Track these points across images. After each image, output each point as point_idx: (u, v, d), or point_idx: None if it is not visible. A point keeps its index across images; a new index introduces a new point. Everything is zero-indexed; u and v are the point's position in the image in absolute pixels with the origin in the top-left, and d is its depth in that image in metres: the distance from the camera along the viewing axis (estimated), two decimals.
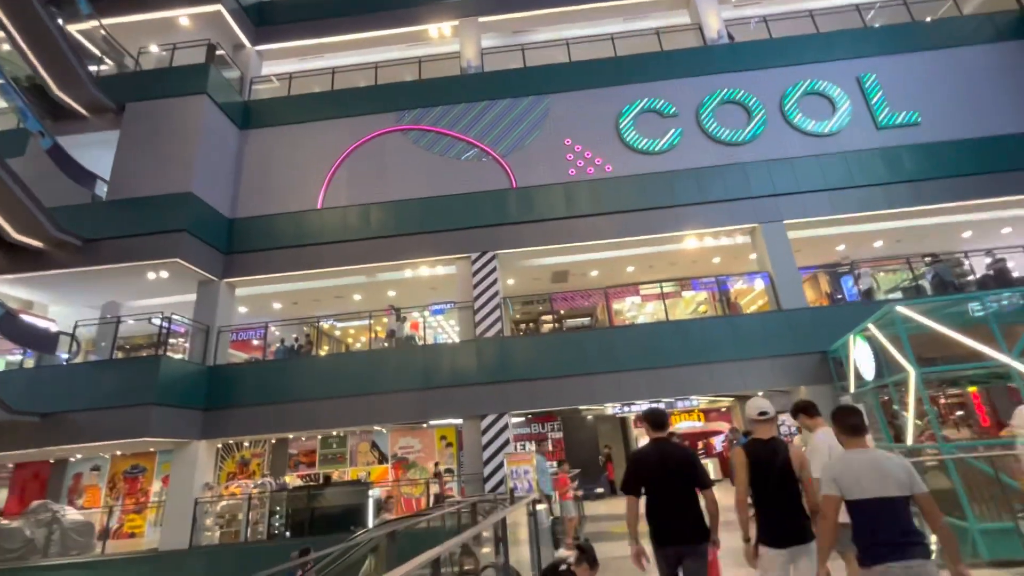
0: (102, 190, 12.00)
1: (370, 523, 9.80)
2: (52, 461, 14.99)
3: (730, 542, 4.23)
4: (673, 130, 12.38)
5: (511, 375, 10.61)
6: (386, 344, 12.07)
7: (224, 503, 10.51)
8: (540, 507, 4.93)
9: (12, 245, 10.69)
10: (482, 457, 10.13)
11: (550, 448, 14.05)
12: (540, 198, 12.09)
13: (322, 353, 12.87)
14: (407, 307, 12.54)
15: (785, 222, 11.45)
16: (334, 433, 14.13)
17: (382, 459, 14.06)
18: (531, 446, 14.28)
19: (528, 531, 4.32)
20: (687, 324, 11.45)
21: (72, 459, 14.75)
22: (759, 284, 12.23)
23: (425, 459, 13.72)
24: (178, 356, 11.38)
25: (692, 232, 11.77)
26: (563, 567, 3.51)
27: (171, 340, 12.08)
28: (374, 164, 12.89)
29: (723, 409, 17.52)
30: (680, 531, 3.40)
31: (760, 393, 10.96)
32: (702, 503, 3.52)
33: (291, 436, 14.03)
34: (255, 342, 14.58)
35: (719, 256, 13.00)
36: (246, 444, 14.53)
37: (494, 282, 11.53)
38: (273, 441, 14.27)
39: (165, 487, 12.41)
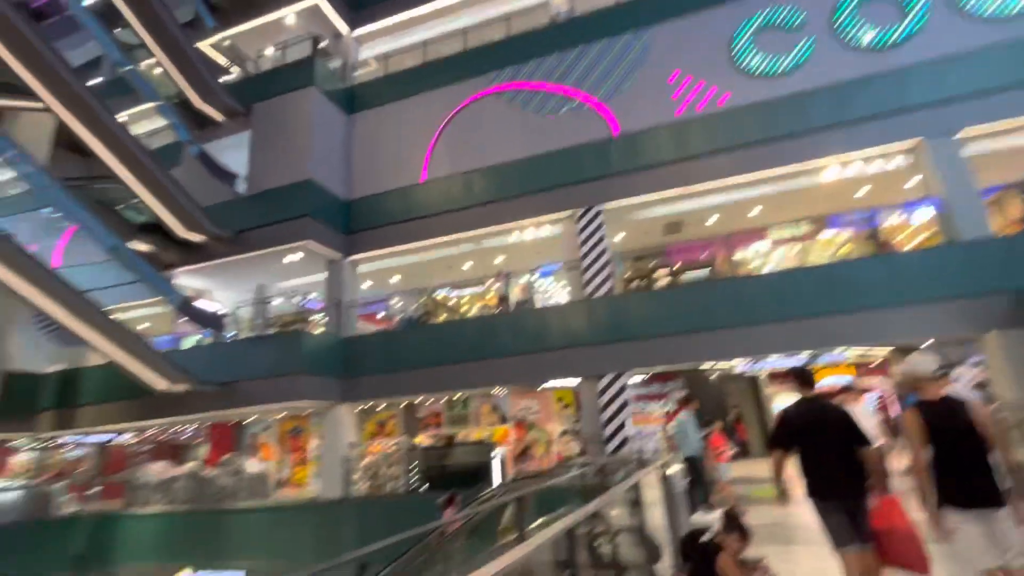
0: (243, 187, 13.51)
1: (495, 480, 10.20)
2: (233, 422, 17.80)
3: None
4: (802, 42, 10.56)
5: (627, 334, 10.16)
6: (498, 310, 12.24)
7: (368, 460, 11.65)
8: (673, 469, 4.62)
9: (182, 242, 12.53)
10: (600, 418, 9.94)
11: (673, 407, 13.43)
12: (646, 143, 11.17)
13: (439, 321, 13.47)
14: (515, 271, 12.54)
15: (960, 135, 9.30)
16: (456, 396, 14.90)
17: (503, 420, 14.54)
18: (656, 406, 13.78)
19: (660, 495, 4.04)
20: (830, 268, 9.95)
21: (247, 421, 17.37)
22: (921, 215, 10.20)
23: (544, 420, 13.91)
24: (318, 330, 12.65)
25: (833, 159, 10.08)
26: (707, 537, 3.17)
27: (311, 317, 13.46)
28: (471, 131, 12.86)
29: (875, 364, 15.33)
30: (842, 485, 3.37)
31: (927, 344, 9.29)
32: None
33: (418, 399, 15.08)
34: (379, 315, 15.76)
35: (866, 187, 11.06)
36: (381, 407, 15.93)
37: (601, 239, 11.02)
38: (404, 404, 15.44)
39: (320, 444, 14.11)
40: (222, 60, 15.87)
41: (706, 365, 13.71)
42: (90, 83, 10.67)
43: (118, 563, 12.30)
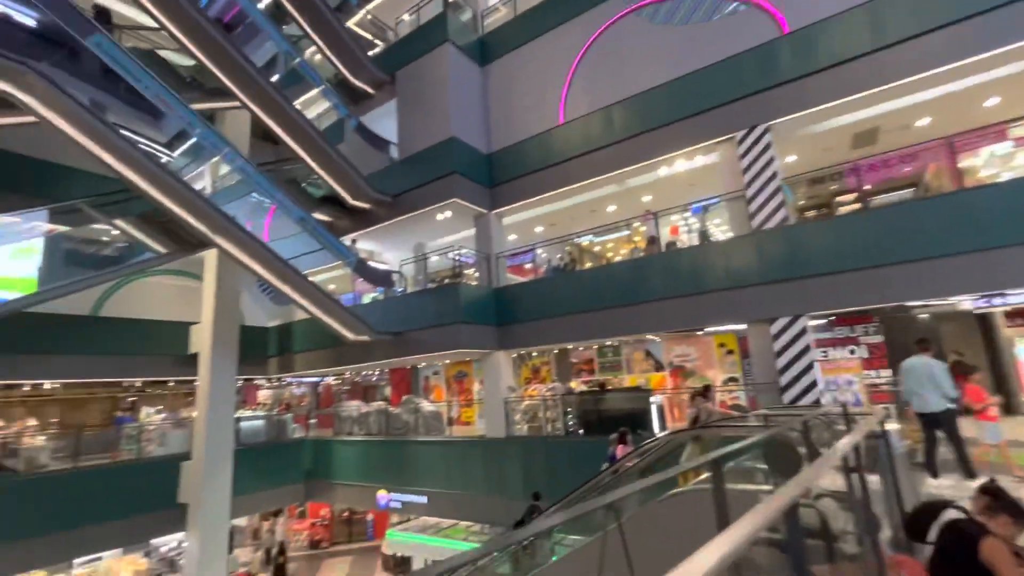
0: (395, 153, 14.51)
1: (655, 428, 9.89)
2: (409, 367, 20.12)
3: None
4: None
5: (804, 270, 8.74)
6: (646, 253, 11.51)
7: (526, 403, 12.22)
8: (891, 426, 3.80)
9: (352, 210, 14.05)
10: (775, 365, 8.85)
11: (866, 354, 11.43)
12: (827, 36, 9.09)
13: (585, 268, 13.23)
14: (665, 210, 11.57)
15: None
16: (608, 343, 14.69)
17: (658, 367, 13.99)
18: (844, 352, 11.95)
19: (874, 456, 3.34)
20: None
21: (420, 366, 19.46)
22: None
23: (703, 367, 13.03)
24: (472, 283, 13.37)
25: None
26: (955, 515, 2.48)
27: (465, 271, 14.23)
28: (609, 61, 11.86)
29: None
30: None
31: None
32: None
33: (569, 346, 15.25)
34: (527, 265, 16.07)
35: None
36: (534, 354, 16.51)
37: (770, 161, 9.46)
38: (555, 351, 15.77)
39: (481, 388, 15.22)
40: (368, 36, 16.90)
41: (915, 303, 11.31)
42: (272, 79, 12.24)
43: (335, 478, 15.07)
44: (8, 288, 11.43)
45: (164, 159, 13.25)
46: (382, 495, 13.72)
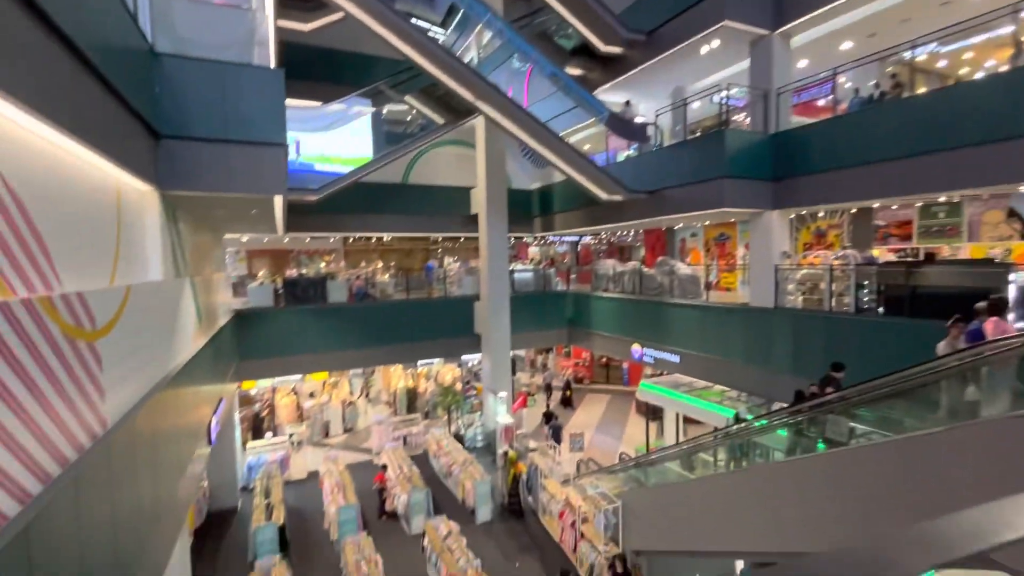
0: None
1: (1011, 317, 7.12)
2: (664, 228, 19.33)
3: None
4: None
5: None
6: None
7: (804, 271, 10.34)
8: None
9: (602, 58, 12.97)
10: None
11: None
12: None
13: (917, 94, 9.39)
14: None
15: None
16: (940, 200, 10.83)
17: None
18: None
19: None
20: None
21: (676, 227, 18.45)
22: None
23: None
24: (742, 130, 11.23)
25: None
26: None
27: (734, 117, 11.99)
28: None
29: None
30: None
31: None
32: None
33: (875, 204, 11.86)
34: (820, 102, 12.51)
35: None
36: (820, 214, 13.55)
37: None
38: (853, 211, 12.57)
39: (747, 252, 13.57)
40: None
41: None
42: None
43: (593, 328, 16.47)
44: (346, 164, 15.07)
45: (439, 38, 14.41)
46: (636, 348, 14.40)
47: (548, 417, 16.47)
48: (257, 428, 16.56)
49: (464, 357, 20.53)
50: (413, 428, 16.43)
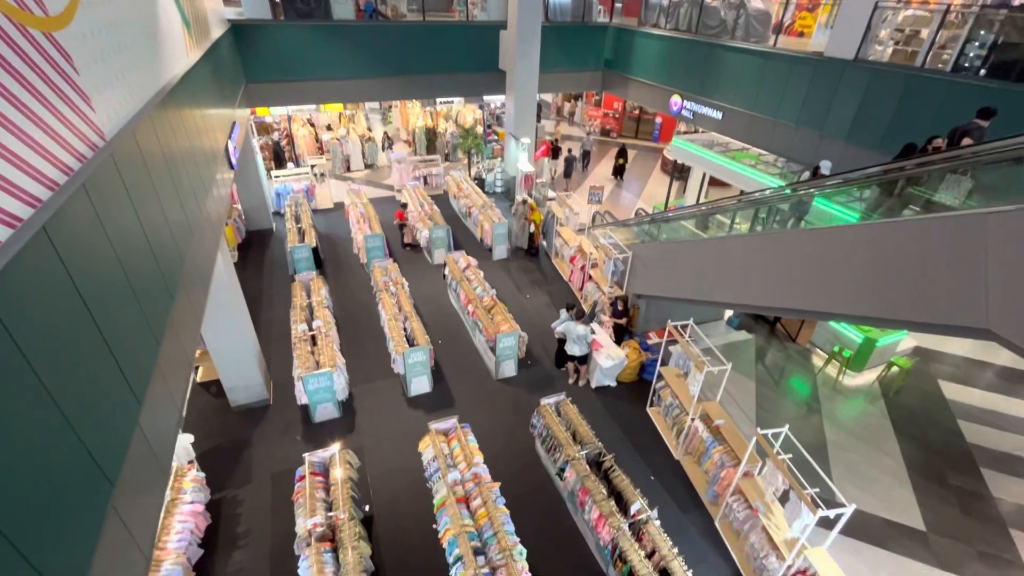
0: None
1: None
2: None
3: None
4: None
5: None
6: None
7: (910, 12, 8.34)
8: None
9: None
10: None
11: None
12: None
13: None
14: None
15: None
16: None
17: None
18: None
19: None
20: None
21: None
22: None
23: None
24: None
25: None
26: None
27: None
28: None
29: None
30: None
31: None
32: None
33: None
34: None
35: None
36: None
37: None
38: None
39: None
40: None
41: None
42: None
43: (632, 73, 14.63)
44: None
45: None
46: (675, 100, 13.02)
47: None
48: (278, 157, 16.62)
49: (486, 98, 19.04)
50: (433, 169, 16.38)
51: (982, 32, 7.48)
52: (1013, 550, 6.37)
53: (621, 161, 17.78)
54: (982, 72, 7.40)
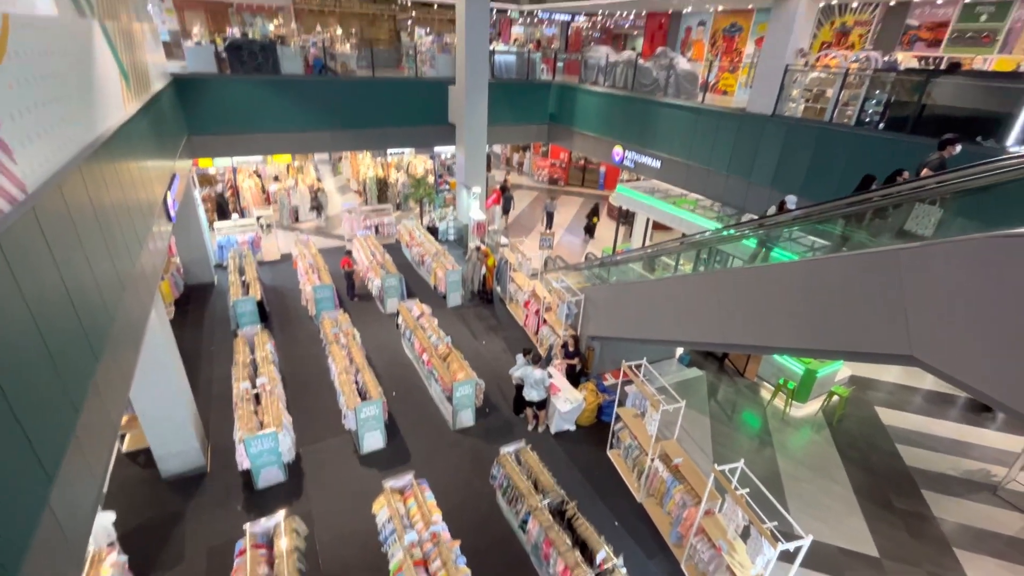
0: None
1: (1013, 137, 6.85)
2: (669, 12, 16.80)
3: None
4: None
5: None
6: None
7: (815, 75, 9.39)
8: None
9: None
10: None
11: None
12: None
13: None
14: None
15: None
16: None
17: None
18: None
19: None
20: None
21: (685, 10, 16.02)
22: None
23: None
24: None
25: None
26: None
27: None
28: None
29: None
30: None
31: None
32: None
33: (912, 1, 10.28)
34: None
35: None
36: (853, 5, 11.80)
37: None
38: (891, 3, 10.96)
39: (758, 49, 12.12)
40: None
41: None
42: None
43: (575, 126, 15.47)
44: None
45: None
46: (617, 151, 13.81)
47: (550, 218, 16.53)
48: (222, 209, 16.14)
49: (437, 149, 19.46)
50: (384, 218, 16.37)
51: (877, 92, 8.48)
52: (959, 568, 6.62)
53: (595, 220, 17.55)
54: (881, 126, 8.34)
